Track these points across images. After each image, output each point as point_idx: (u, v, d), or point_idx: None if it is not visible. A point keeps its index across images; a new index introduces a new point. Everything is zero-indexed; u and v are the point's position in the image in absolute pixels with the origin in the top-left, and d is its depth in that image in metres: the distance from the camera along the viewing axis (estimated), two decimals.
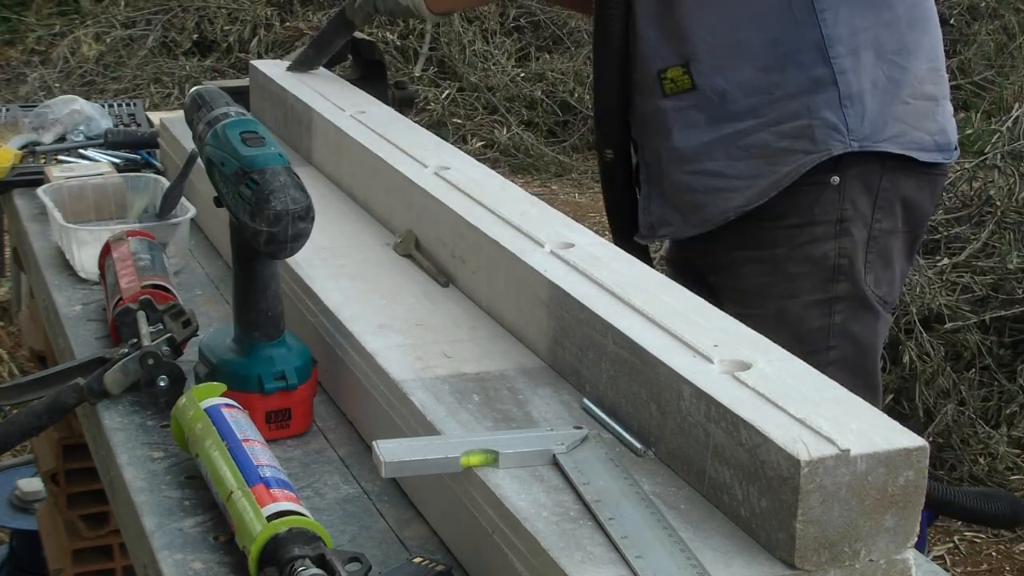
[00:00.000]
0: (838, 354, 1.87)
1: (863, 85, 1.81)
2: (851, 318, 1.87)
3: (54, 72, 6.71)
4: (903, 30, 1.86)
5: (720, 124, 1.85)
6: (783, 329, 1.84)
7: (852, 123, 1.81)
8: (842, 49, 1.80)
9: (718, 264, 1.94)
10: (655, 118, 1.91)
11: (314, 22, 6.86)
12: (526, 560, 1.01)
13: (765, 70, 1.82)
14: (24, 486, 2.85)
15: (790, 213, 1.84)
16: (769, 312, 1.86)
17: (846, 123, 1.81)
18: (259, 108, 2.24)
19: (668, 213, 1.95)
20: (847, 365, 1.87)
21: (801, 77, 1.81)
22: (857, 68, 1.81)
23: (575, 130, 6.50)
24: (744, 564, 0.98)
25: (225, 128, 1.32)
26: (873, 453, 0.97)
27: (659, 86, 1.88)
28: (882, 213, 1.86)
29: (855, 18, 1.81)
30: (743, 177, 1.85)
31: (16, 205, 2.16)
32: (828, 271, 1.85)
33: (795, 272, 1.86)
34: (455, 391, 1.25)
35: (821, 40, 1.80)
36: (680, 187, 1.91)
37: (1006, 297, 3.70)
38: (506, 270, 1.39)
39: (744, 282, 1.90)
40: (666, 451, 1.12)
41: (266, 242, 1.27)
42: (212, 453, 1.20)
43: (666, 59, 1.86)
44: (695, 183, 1.89)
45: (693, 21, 1.83)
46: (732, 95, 1.83)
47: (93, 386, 1.42)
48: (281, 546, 1.06)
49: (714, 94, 1.84)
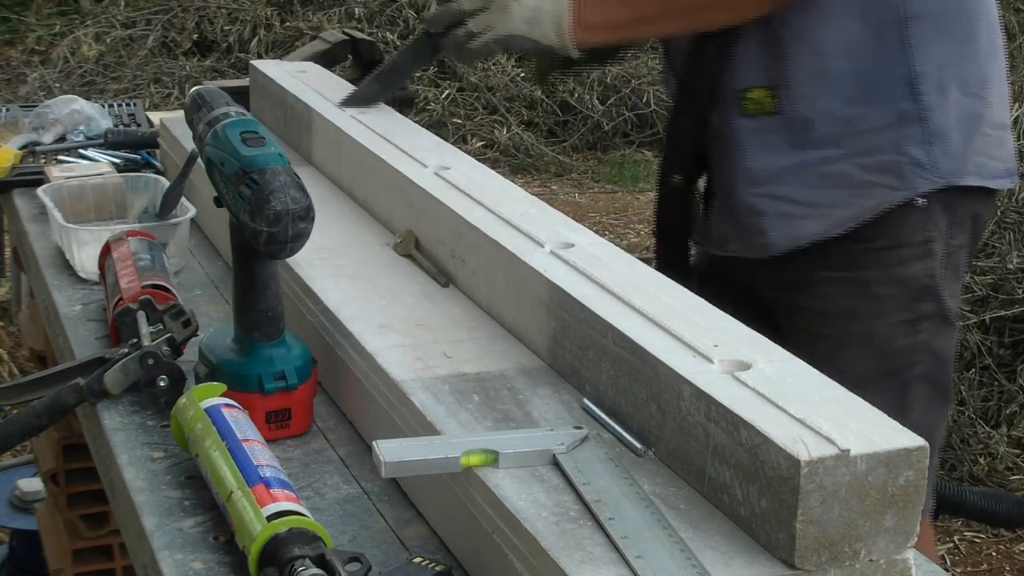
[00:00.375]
0: (922, 370, 1.86)
1: (949, 121, 1.80)
2: (934, 334, 1.86)
3: (54, 72, 6.72)
4: (983, 62, 1.85)
5: (801, 151, 1.82)
6: (869, 349, 1.84)
7: (938, 160, 1.80)
8: (930, 85, 1.79)
9: (788, 282, 1.90)
10: (725, 135, 1.87)
11: (314, 22, 6.86)
12: (526, 560, 1.01)
13: (852, 102, 1.79)
14: (24, 486, 2.85)
15: (877, 236, 1.82)
16: (855, 333, 1.85)
17: (932, 160, 1.80)
18: (259, 108, 2.24)
19: (730, 232, 1.92)
20: (929, 379, 1.87)
21: (888, 111, 1.79)
22: (944, 104, 1.80)
23: (575, 130, 6.51)
24: (744, 564, 0.98)
25: (225, 128, 1.32)
26: (873, 453, 0.97)
27: (737, 104, 1.83)
28: (956, 230, 1.86)
29: (944, 54, 1.80)
30: (818, 205, 1.82)
31: (16, 205, 2.16)
32: (915, 291, 1.84)
33: (883, 294, 1.84)
34: (455, 391, 1.25)
35: (910, 75, 1.78)
36: (747, 209, 1.88)
37: (1006, 297, 3.70)
38: (506, 270, 1.39)
39: (826, 303, 1.87)
40: (666, 451, 1.12)
41: (266, 242, 1.27)
42: (212, 453, 1.20)
43: (751, 79, 1.82)
44: (764, 206, 1.85)
45: (789, 46, 1.79)
46: (817, 123, 1.80)
47: (93, 386, 1.42)
48: (281, 546, 1.06)
49: (798, 121, 1.81)
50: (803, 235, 1.84)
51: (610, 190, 6.06)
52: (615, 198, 5.96)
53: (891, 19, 1.77)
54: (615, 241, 4.40)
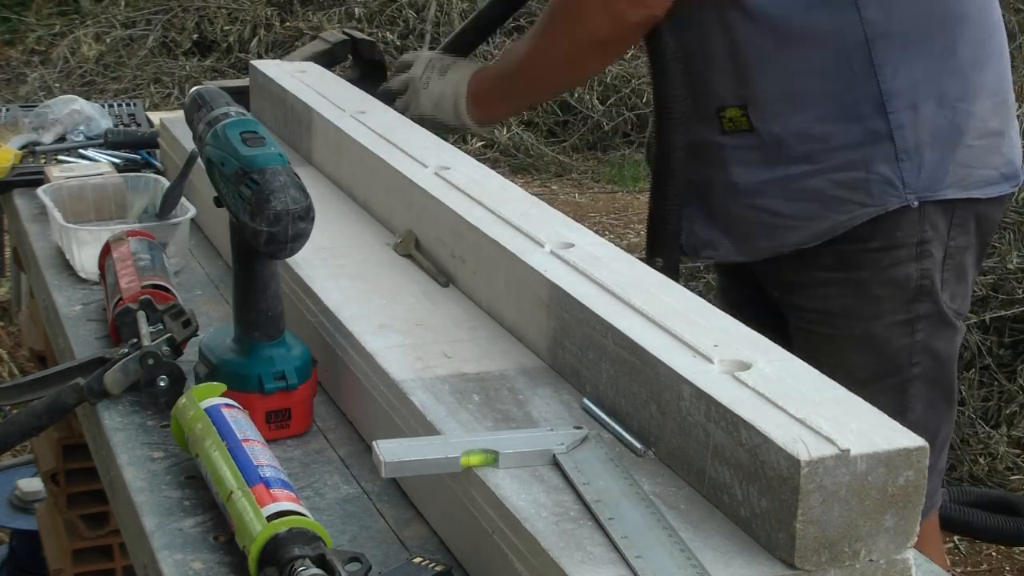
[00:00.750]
0: (920, 370, 1.88)
1: (921, 138, 1.81)
2: (932, 335, 1.88)
3: (54, 72, 6.72)
4: (967, 73, 1.85)
5: (776, 166, 1.86)
6: (868, 350, 1.87)
7: (908, 177, 1.81)
8: (901, 103, 1.80)
9: (789, 282, 1.94)
10: (710, 149, 1.91)
11: (314, 22, 6.87)
12: (526, 560, 1.01)
13: (821, 120, 1.82)
14: (24, 486, 2.86)
15: (873, 236, 1.84)
16: (855, 333, 1.88)
17: (902, 178, 1.81)
18: (259, 108, 2.24)
19: (715, 237, 1.95)
20: (928, 380, 1.89)
21: (858, 129, 1.81)
22: (916, 122, 1.81)
23: (575, 130, 6.50)
24: (744, 564, 0.98)
25: (225, 128, 1.32)
26: (873, 453, 0.97)
27: (717, 122, 1.89)
28: (957, 231, 1.87)
29: (915, 70, 1.81)
30: (798, 218, 1.86)
31: (16, 205, 2.16)
32: (911, 292, 1.85)
33: (880, 294, 1.86)
34: (455, 391, 1.25)
35: (879, 94, 1.80)
36: (734, 218, 1.92)
37: (1006, 297, 3.70)
38: (506, 270, 1.39)
39: (827, 303, 1.90)
40: (666, 451, 1.12)
41: (266, 242, 1.27)
42: (212, 453, 1.20)
43: (724, 98, 1.87)
44: (751, 216, 1.90)
45: (754, 69, 1.83)
46: (788, 141, 1.84)
47: (93, 386, 1.42)
48: (281, 546, 1.06)
49: (771, 137, 1.85)
50: (786, 244, 1.88)
51: (610, 190, 6.06)
52: (615, 198, 5.97)
53: (855, 42, 1.79)
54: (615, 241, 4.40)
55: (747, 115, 1.85)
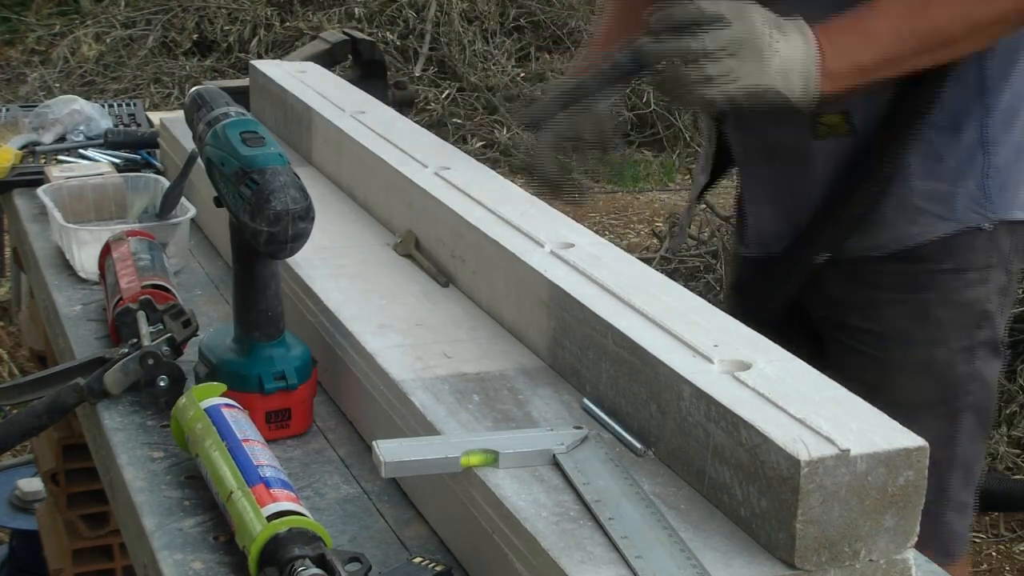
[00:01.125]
0: (973, 399, 1.80)
1: (1009, 155, 1.76)
2: (986, 363, 1.81)
3: (54, 72, 6.72)
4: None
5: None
6: (926, 375, 1.78)
7: (993, 194, 1.75)
8: (998, 117, 1.74)
9: (842, 301, 1.83)
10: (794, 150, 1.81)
11: (314, 22, 6.87)
12: (526, 560, 1.01)
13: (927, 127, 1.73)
14: (24, 486, 2.86)
15: (945, 258, 1.76)
16: (913, 358, 1.78)
17: (988, 195, 1.75)
18: (259, 108, 2.24)
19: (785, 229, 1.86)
20: (976, 409, 1.81)
21: (954, 141, 1.75)
22: (1008, 137, 1.75)
23: None
24: (744, 564, 0.98)
25: (225, 128, 1.32)
26: (873, 453, 0.97)
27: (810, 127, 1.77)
28: (1015, 256, 1.81)
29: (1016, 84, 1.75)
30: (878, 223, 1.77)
31: (16, 205, 2.16)
32: (975, 317, 1.77)
33: (943, 318, 1.77)
34: (455, 391, 1.25)
35: (983, 108, 1.73)
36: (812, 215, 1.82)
37: None
38: (506, 270, 1.39)
39: (883, 324, 1.79)
40: (666, 451, 1.12)
41: (266, 242, 1.27)
42: (212, 453, 1.20)
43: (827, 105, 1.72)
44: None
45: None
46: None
47: (93, 386, 1.42)
48: (281, 546, 1.06)
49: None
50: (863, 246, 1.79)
51: (610, 190, 6.06)
52: (615, 198, 5.97)
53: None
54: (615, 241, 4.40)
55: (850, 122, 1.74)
